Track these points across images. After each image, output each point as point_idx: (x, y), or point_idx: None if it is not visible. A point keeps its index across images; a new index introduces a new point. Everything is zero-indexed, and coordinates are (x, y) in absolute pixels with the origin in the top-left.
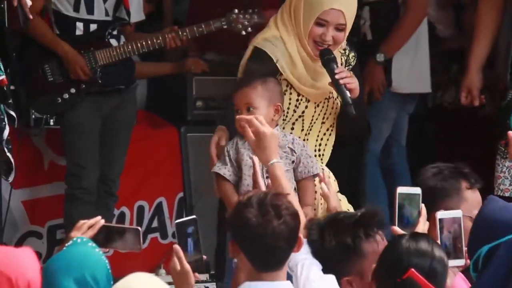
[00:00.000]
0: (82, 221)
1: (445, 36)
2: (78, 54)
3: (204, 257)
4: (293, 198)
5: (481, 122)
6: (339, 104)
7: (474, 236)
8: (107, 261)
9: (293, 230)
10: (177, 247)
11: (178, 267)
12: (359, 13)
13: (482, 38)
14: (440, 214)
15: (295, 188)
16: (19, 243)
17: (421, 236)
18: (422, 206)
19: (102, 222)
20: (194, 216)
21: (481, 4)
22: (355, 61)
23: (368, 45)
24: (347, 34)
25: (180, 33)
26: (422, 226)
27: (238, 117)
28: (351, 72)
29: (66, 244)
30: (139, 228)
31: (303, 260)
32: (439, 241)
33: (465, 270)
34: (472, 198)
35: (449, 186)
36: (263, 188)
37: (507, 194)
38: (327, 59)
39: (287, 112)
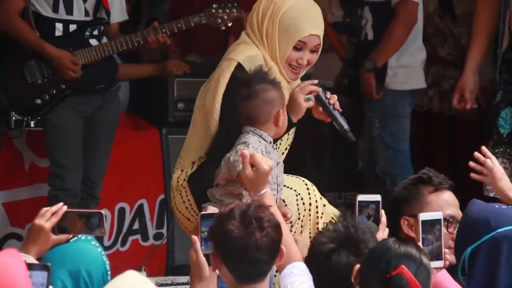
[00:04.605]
0: (45, 208)
1: None
2: (62, 51)
3: None
4: (284, 228)
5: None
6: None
7: (458, 239)
8: (107, 261)
9: (275, 243)
10: (195, 237)
11: (194, 257)
12: (360, 13)
13: (479, 41)
14: (422, 216)
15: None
16: None
17: (407, 241)
18: (382, 213)
19: (65, 208)
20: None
21: (478, 8)
22: None
23: (370, 44)
24: (319, 53)
25: (159, 30)
26: (382, 233)
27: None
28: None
29: (71, 240)
30: (102, 211)
31: (292, 283)
32: (420, 242)
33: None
34: (437, 200)
35: (408, 194)
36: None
37: (491, 195)
38: None
39: None
